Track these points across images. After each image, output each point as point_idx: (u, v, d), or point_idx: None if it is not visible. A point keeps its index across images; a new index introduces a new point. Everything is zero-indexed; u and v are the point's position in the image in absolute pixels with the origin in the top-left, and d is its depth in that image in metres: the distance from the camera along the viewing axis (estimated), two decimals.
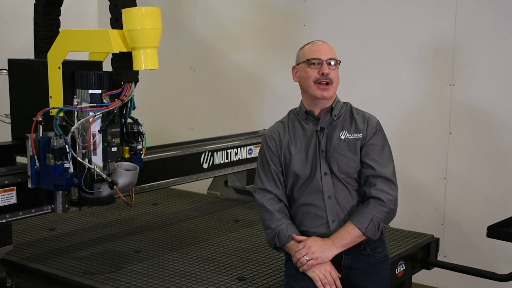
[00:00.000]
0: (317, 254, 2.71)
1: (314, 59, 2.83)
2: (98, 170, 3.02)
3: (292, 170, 2.86)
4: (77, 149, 3.02)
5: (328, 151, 2.83)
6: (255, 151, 4.43)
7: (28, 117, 3.10)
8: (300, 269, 2.75)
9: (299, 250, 2.74)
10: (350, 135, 2.85)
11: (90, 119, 2.98)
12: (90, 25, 6.12)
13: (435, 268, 3.89)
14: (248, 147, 4.45)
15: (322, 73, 2.81)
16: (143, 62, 2.94)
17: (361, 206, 2.79)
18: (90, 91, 3.00)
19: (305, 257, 2.72)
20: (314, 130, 2.87)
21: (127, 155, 3.17)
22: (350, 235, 2.74)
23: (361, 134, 2.84)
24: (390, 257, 3.13)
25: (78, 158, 2.99)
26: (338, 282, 2.73)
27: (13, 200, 3.09)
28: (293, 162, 2.86)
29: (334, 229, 2.78)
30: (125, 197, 3.08)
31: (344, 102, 2.95)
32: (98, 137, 3.02)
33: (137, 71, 3.02)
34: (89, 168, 3.01)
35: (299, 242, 2.77)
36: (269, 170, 2.90)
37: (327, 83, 2.81)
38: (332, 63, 2.84)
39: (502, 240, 3.44)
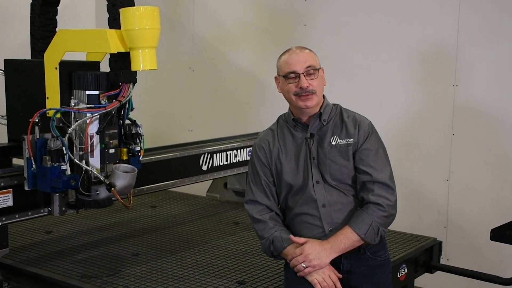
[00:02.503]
0: (315, 262, 2.66)
1: (290, 73, 2.73)
2: (95, 172, 3.00)
3: (284, 180, 2.81)
4: (74, 150, 3.00)
5: (319, 158, 2.77)
6: None
7: (25, 118, 3.09)
8: (298, 275, 2.71)
9: (296, 257, 2.70)
10: (341, 140, 2.77)
11: (88, 120, 2.97)
12: (87, 25, 6.10)
13: (438, 272, 3.86)
14: (248, 149, 4.41)
15: (301, 87, 2.72)
16: (141, 62, 2.93)
17: (360, 211, 2.73)
18: (88, 92, 2.99)
19: (302, 264, 2.68)
20: (304, 137, 2.81)
21: (125, 157, 3.16)
22: (348, 240, 2.69)
23: (352, 139, 2.76)
24: (392, 261, 3.09)
25: (75, 160, 2.97)
26: (339, 284, 2.69)
27: (10, 203, 3.07)
28: (284, 172, 2.81)
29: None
30: (123, 199, 3.06)
31: (334, 104, 2.86)
32: (96, 139, 3.02)
33: (135, 72, 3.02)
34: (87, 170, 2.99)
35: (297, 243, 2.71)
36: (260, 182, 2.85)
37: (308, 94, 2.72)
38: (311, 72, 2.73)
39: (506, 243, 3.43)
